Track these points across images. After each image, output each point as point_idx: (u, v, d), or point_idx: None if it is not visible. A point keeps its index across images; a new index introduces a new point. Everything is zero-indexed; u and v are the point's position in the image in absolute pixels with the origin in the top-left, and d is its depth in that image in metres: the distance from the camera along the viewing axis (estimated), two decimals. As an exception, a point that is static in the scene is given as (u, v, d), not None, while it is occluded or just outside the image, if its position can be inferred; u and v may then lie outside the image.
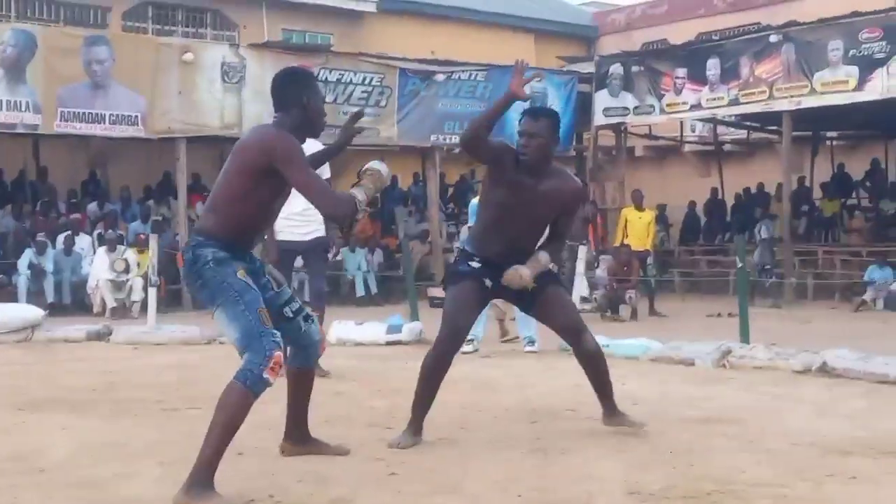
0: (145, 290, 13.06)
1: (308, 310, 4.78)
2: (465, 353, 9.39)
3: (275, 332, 4.28)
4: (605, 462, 4.82)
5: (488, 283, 5.29)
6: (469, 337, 9.54)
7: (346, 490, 4.27)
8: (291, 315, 4.57)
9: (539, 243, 5.45)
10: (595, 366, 5.46)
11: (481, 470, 4.66)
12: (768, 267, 17.16)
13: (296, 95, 4.46)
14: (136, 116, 16.20)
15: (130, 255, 15.44)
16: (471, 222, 9.88)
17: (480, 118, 5.21)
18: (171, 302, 15.87)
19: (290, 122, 4.42)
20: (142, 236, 15.64)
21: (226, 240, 4.31)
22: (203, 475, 4.08)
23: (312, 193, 4.25)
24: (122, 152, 18.41)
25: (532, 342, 9.69)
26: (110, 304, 14.80)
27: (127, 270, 15.16)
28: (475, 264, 5.31)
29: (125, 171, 19.13)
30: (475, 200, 10.11)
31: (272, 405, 6.47)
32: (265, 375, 4.18)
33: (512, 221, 5.23)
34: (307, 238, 8.05)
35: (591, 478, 4.49)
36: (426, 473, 4.58)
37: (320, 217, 8.14)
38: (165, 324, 11.57)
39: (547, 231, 5.48)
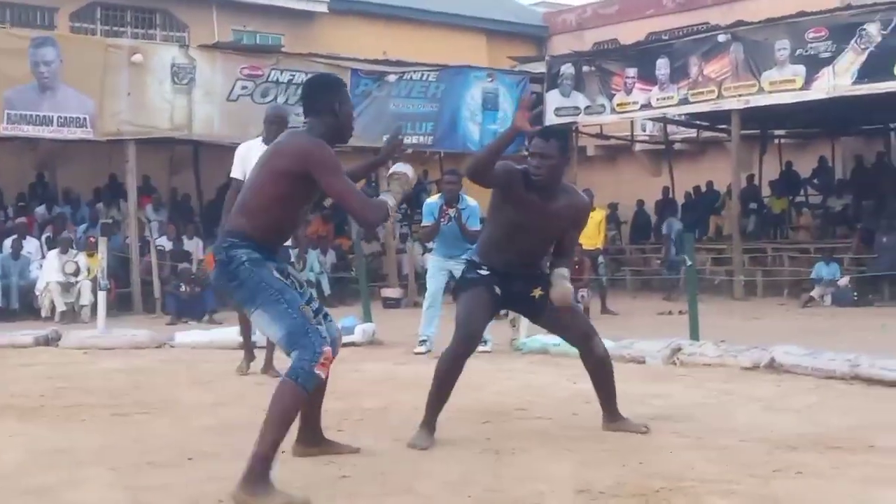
0: (95, 293, 12.93)
1: (326, 309, 4.81)
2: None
3: (320, 328, 4.37)
4: (556, 461, 4.84)
5: (497, 290, 5.45)
6: (421, 338, 9.62)
7: (297, 494, 4.25)
8: (312, 314, 4.52)
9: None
10: (602, 371, 5.61)
11: (433, 471, 4.66)
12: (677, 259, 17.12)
13: (328, 102, 4.57)
14: (85, 118, 16.01)
15: (81, 258, 15.27)
16: (425, 222, 9.93)
17: (486, 153, 5.29)
18: (121, 306, 15.71)
19: (321, 128, 4.53)
20: (91, 239, 15.48)
21: (258, 241, 4.41)
22: (260, 471, 4.12)
23: (348, 200, 4.39)
24: (70, 154, 18.20)
25: (484, 342, 9.70)
26: (60, 307, 14.62)
27: (77, 273, 14.99)
28: (484, 272, 5.47)
29: (74, 174, 18.91)
30: (429, 200, 10.14)
31: (226, 409, 6.45)
32: (316, 371, 4.25)
33: (523, 238, 5.40)
34: None
35: (541, 477, 4.51)
36: (378, 476, 4.57)
37: None
38: (116, 328, 11.46)
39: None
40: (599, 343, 5.59)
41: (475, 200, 9.88)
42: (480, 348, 9.46)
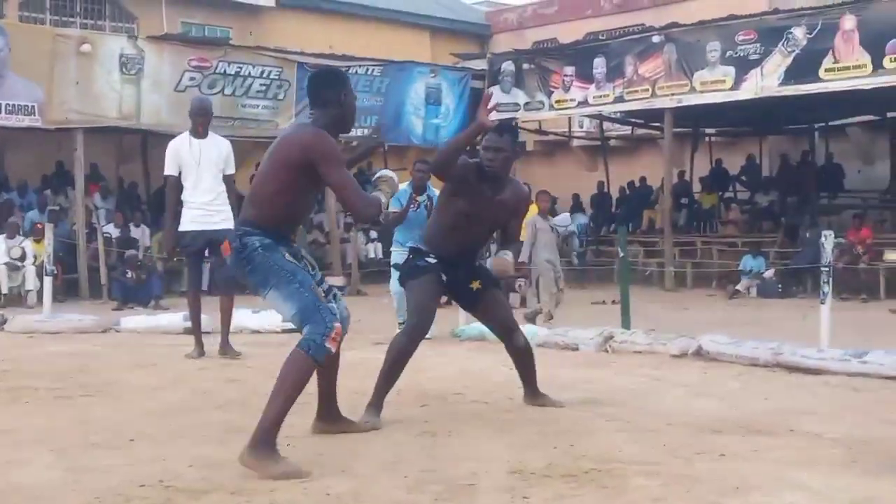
0: (41, 279, 12.73)
1: (336, 290, 4.92)
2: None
3: (332, 306, 4.52)
4: (490, 443, 4.86)
5: (444, 277, 5.64)
6: (400, 321, 9.57)
7: (235, 473, 4.22)
8: (323, 294, 4.62)
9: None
10: (524, 359, 5.98)
11: (370, 452, 4.66)
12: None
13: (334, 94, 4.68)
14: (33, 106, 15.73)
15: (27, 244, 15.03)
16: (392, 208, 9.90)
17: (450, 149, 5.49)
18: (68, 292, 15.49)
19: (326, 119, 4.63)
20: (38, 225, 15.24)
21: (269, 229, 4.53)
22: (267, 437, 4.24)
23: (347, 192, 4.51)
24: (19, 141, 17.88)
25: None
26: (4, 290, 14.39)
27: (23, 258, 14.75)
28: (431, 260, 5.65)
29: (22, 160, 18.58)
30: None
31: (168, 392, 6.39)
32: (327, 344, 4.38)
33: (471, 227, 5.62)
34: (216, 227, 8.01)
35: (475, 458, 4.52)
36: (315, 456, 4.55)
37: (228, 207, 8.14)
38: (62, 313, 11.29)
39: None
40: (521, 335, 5.95)
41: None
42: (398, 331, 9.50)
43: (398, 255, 9.88)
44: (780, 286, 16.26)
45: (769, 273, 16.43)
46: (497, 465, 4.39)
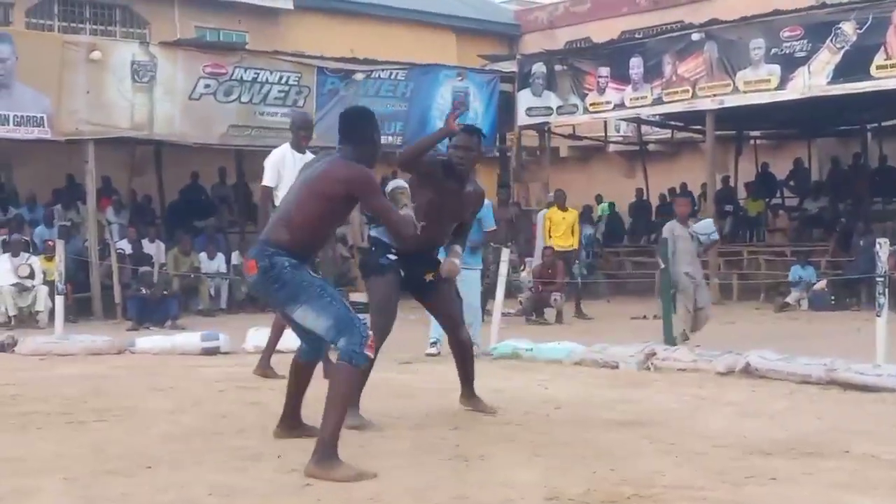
0: (52, 298, 12.82)
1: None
2: (429, 354, 9.51)
3: (361, 317, 5.07)
4: (525, 468, 4.86)
5: (402, 273, 6.23)
6: (432, 339, 9.62)
7: (255, 501, 4.24)
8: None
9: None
10: (464, 354, 6.58)
11: (399, 478, 4.66)
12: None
13: (368, 133, 5.36)
14: (42, 118, 15.88)
15: (35, 261, 15.13)
16: None
17: (417, 148, 6.30)
18: (80, 311, 15.61)
19: (357, 154, 5.24)
20: (49, 242, 15.35)
21: (297, 251, 5.07)
22: (329, 447, 4.74)
23: (389, 216, 5.24)
24: (27, 154, 18.05)
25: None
26: (11, 311, 14.46)
27: (32, 276, 14.84)
28: (392, 257, 6.21)
29: (31, 174, 18.74)
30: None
31: (186, 416, 6.43)
32: (366, 352, 4.88)
33: (438, 220, 6.13)
34: None
35: (509, 484, 4.52)
36: (343, 484, 4.56)
37: None
38: (74, 333, 11.37)
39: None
40: (465, 332, 6.64)
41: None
42: (430, 350, 9.58)
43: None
44: (832, 298, 16.15)
45: (821, 284, 16.32)
46: (532, 491, 4.38)
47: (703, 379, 7.90)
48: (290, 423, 5.59)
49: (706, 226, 10.76)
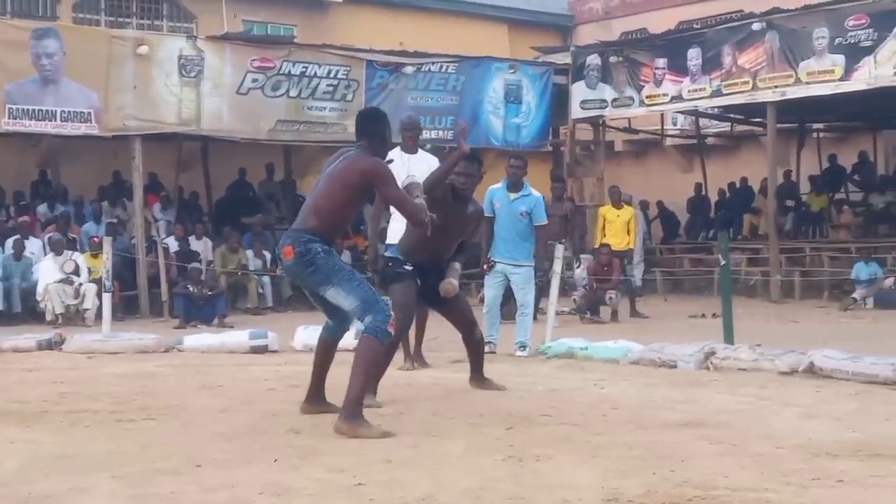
0: (99, 296, 12.98)
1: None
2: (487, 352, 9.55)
3: (384, 298, 5.98)
4: (582, 468, 4.84)
5: (419, 282, 7.19)
6: (487, 339, 9.66)
7: (309, 501, 4.26)
8: None
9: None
10: (478, 350, 7.57)
11: (453, 479, 4.66)
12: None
13: (382, 131, 6.17)
14: (89, 113, 16.10)
15: (80, 258, 15.31)
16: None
17: (440, 175, 7.08)
18: (127, 309, 15.79)
19: (373, 148, 6.06)
20: (95, 239, 15.54)
21: (326, 236, 5.92)
22: (355, 408, 5.60)
23: (403, 203, 6.14)
24: (74, 151, 18.29)
25: (524, 347, 9.80)
26: (58, 309, 14.59)
27: (77, 272, 15.00)
28: (409, 267, 7.20)
29: (78, 171, 19.00)
30: (492, 186, 10.22)
31: (236, 414, 6.48)
32: (388, 328, 5.77)
33: (443, 237, 7.00)
34: None
35: (567, 485, 4.50)
36: (395, 484, 4.57)
37: None
38: (121, 331, 11.51)
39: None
40: (478, 330, 7.58)
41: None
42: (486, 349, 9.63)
43: (491, 273, 9.96)
44: (900, 296, 15.94)
45: (889, 281, 16.12)
46: (591, 493, 4.36)
47: (764, 379, 7.82)
48: (316, 399, 6.31)
49: None
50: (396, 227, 8.12)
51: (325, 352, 6.37)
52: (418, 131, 9.24)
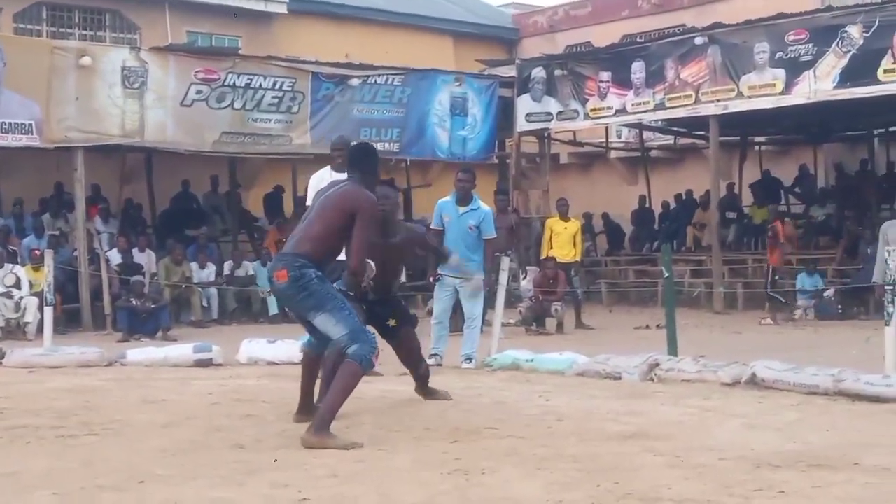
0: (41, 309, 12.81)
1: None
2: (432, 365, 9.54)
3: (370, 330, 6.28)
4: (527, 481, 4.85)
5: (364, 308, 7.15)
6: (434, 352, 9.64)
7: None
8: None
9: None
10: (424, 382, 7.60)
11: (400, 493, 4.65)
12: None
13: (374, 166, 6.51)
14: (30, 124, 15.90)
15: (21, 271, 15.10)
16: (434, 225, 10.09)
17: (411, 240, 7.81)
18: (69, 322, 15.60)
19: (364, 182, 6.31)
20: (36, 252, 15.34)
21: (319, 262, 6.08)
22: (325, 423, 5.76)
23: (359, 244, 6.07)
24: (15, 163, 18.05)
25: (470, 359, 9.81)
26: (-1, 323, 14.44)
27: (18, 286, 14.80)
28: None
29: (18, 183, 18.70)
30: (441, 200, 10.25)
31: (180, 429, 6.41)
32: (372, 360, 5.96)
33: (381, 272, 6.95)
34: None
35: (512, 498, 4.51)
36: (341, 498, 4.56)
37: None
38: (63, 345, 11.36)
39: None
40: (424, 363, 7.72)
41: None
42: (429, 361, 9.65)
43: (439, 285, 9.96)
44: (839, 307, 16.16)
45: (828, 293, 16.34)
46: (536, 506, 4.38)
47: (708, 390, 7.89)
48: (308, 408, 6.50)
49: None
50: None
51: (309, 365, 6.71)
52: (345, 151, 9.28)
